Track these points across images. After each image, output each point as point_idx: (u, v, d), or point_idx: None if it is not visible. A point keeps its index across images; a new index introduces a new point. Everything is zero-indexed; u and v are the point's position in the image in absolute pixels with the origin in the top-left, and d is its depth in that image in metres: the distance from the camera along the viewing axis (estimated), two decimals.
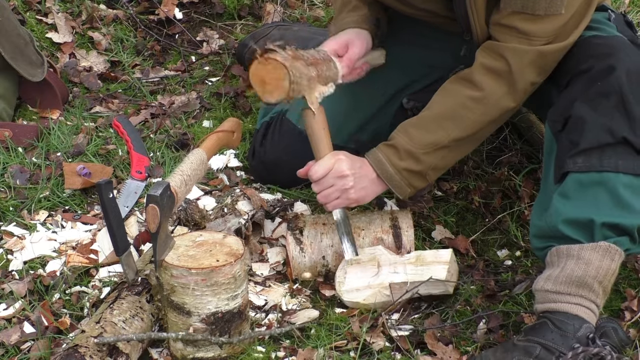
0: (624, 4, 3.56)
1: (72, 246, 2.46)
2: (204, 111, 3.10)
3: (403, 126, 2.31)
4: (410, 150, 2.26)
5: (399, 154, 2.27)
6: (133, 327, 2.05)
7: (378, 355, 2.12)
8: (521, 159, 2.80)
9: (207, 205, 2.50)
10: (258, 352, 2.13)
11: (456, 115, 2.25)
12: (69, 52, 3.32)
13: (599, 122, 2.08)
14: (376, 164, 2.29)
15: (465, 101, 2.24)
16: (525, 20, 2.16)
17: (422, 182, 2.32)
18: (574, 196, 2.08)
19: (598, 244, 2.04)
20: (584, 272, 2.03)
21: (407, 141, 2.27)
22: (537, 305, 2.08)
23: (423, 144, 2.26)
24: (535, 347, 1.99)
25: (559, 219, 2.08)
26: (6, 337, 2.12)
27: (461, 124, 2.25)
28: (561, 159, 2.12)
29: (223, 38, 3.49)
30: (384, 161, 2.28)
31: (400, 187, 2.30)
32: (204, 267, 2.00)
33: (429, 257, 2.31)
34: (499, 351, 2.03)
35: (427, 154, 2.26)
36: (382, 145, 2.30)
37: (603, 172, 2.06)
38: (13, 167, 2.69)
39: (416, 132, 2.27)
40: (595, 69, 2.11)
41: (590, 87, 2.11)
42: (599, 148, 2.07)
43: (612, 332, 2.03)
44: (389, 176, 2.28)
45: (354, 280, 2.29)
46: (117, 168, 2.74)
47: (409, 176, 2.28)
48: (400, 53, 2.58)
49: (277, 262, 2.45)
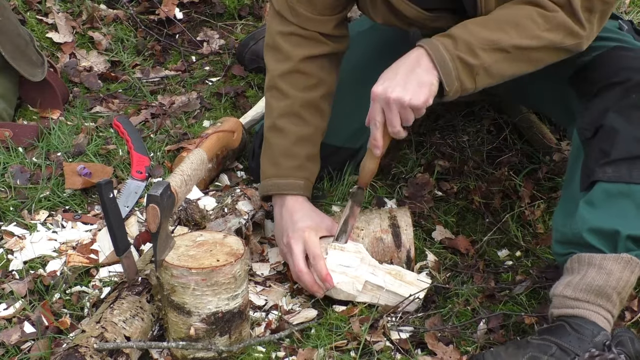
0: (624, 4, 3.56)
1: (72, 246, 2.46)
2: (204, 111, 3.10)
3: (462, 24, 2.16)
4: (468, 41, 2.11)
5: (456, 43, 2.11)
6: (133, 327, 2.05)
7: (378, 355, 2.12)
8: (521, 159, 2.80)
9: (208, 205, 2.50)
10: (258, 352, 2.13)
11: (520, 23, 2.12)
12: (69, 52, 3.32)
13: (632, 134, 2.08)
14: (430, 47, 2.11)
15: (533, 13, 2.12)
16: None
17: (470, 81, 2.13)
18: (601, 206, 2.07)
19: (620, 255, 2.04)
20: (605, 282, 2.03)
21: (465, 32, 2.12)
22: (554, 310, 2.08)
23: (482, 38, 2.11)
24: (551, 347, 1.99)
25: (584, 227, 2.07)
26: (6, 337, 2.12)
27: (524, 32, 2.11)
28: (590, 167, 2.11)
29: (223, 38, 3.49)
30: (439, 46, 2.11)
31: (450, 76, 2.10)
32: (205, 267, 2.00)
33: (409, 277, 2.30)
34: (511, 348, 2.02)
35: (484, 50, 2.11)
36: (436, 36, 2.15)
37: (632, 184, 2.06)
38: (13, 167, 2.69)
39: (476, 28, 2.13)
40: (632, 81, 2.11)
41: (625, 98, 2.11)
42: (629, 159, 2.06)
43: (628, 341, 2.03)
44: (443, 60, 2.10)
45: (333, 262, 2.28)
46: (118, 168, 2.74)
47: (461, 67, 2.11)
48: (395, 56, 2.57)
49: (278, 262, 2.45)
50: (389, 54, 2.45)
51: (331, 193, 2.68)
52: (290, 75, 2.38)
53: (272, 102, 2.41)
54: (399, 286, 2.27)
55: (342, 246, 2.29)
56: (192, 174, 2.12)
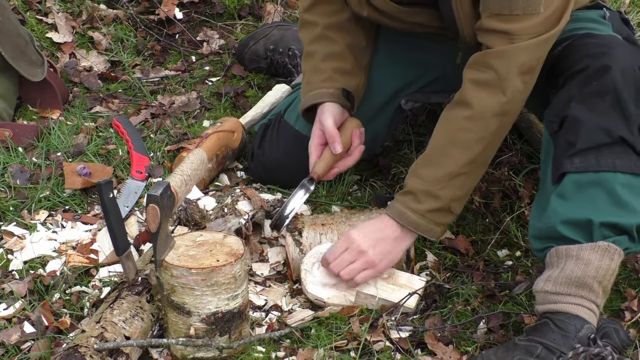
0: (624, 4, 3.56)
1: (72, 246, 2.46)
2: (204, 111, 3.10)
3: (412, 170, 2.25)
4: (426, 190, 2.20)
5: (417, 197, 2.20)
6: (133, 327, 2.05)
7: (378, 355, 2.12)
8: (521, 159, 2.80)
9: (207, 205, 2.50)
10: (258, 352, 2.13)
11: (457, 140, 2.20)
12: (69, 52, 3.32)
13: (595, 122, 2.08)
14: (398, 216, 2.22)
15: (461, 123, 2.19)
16: (504, 22, 2.13)
17: (448, 217, 2.25)
18: (571, 197, 2.08)
19: (597, 243, 2.04)
20: (584, 272, 2.03)
21: (420, 182, 2.21)
22: (538, 307, 2.08)
23: (436, 179, 2.20)
24: (537, 347, 1.99)
25: (557, 220, 2.08)
26: (6, 337, 2.12)
27: (465, 146, 2.19)
28: (558, 160, 2.12)
29: (223, 38, 3.49)
30: (404, 211, 2.21)
31: (429, 229, 2.22)
32: (204, 267, 2.00)
33: (403, 280, 2.30)
34: (501, 350, 2.03)
35: (443, 188, 2.20)
36: (397, 196, 2.25)
37: (600, 172, 2.06)
38: (13, 167, 2.69)
39: (426, 171, 2.22)
40: (591, 68, 2.11)
41: (586, 87, 2.10)
42: (595, 148, 2.07)
43: (613, 332, 2.03)
44: (415, 223, 2.21)
45: (323, 275, 2.28)
46: (117, 168, 2.74)
47: (433, 216, 2.21)
48: (395, 54, 2.58)
49: (277, 262, 2.45)
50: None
51: (331, 193, 2.69)
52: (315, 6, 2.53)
53: (304, 35, 2.56)
54: (392, 292, 2.27)
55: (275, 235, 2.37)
56: (192, 174, 2.12)
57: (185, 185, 2.09)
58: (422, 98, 2.65)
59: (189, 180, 2.10)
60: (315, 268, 2.29)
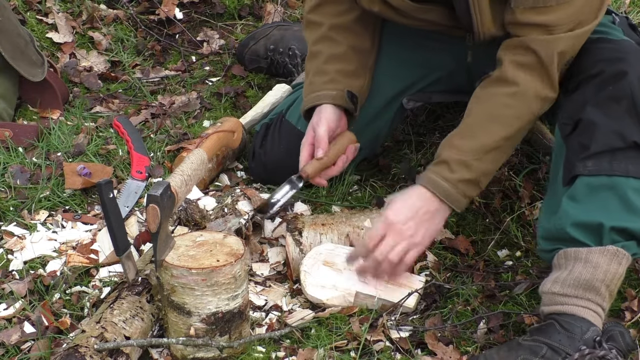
0: (624, 4, 3.56)
1: (72, 246, 2.46)
2: (204, 111, 3.10)
3: (446, 142, 2.24)
4: (460, 160, 2.19)
5: (450, 167, 2.19)
6: (133, 327, 2.05)
7: (378, 355, 2.12)
8: (521, 159, 2.80)
9: (207, 205, 2.50)
10: (258, 352, 2.13)
11: (498, 116, 2.20)
12: (69, 52, 3.32)
13: (610, 127, 2.08)
14: (431, 185, 2.20)
15: (504, 99, 2.19)
16: (540, 14, 2.14)
17: (475, 190, 2.24)
18: (583, 199, 2.08)
19: (606, 247, 2.04)
20: (592, 275, 2.03)
21: (455, 152, 2.20)
22: (544, 308, 2.08)
23: (472, 150, 2.19)
24: (542, 347, 1.99)
25: (568, 222, 2.08)
26: (6, 337, 2.12)
27: (505, 122, 2.19)
28: (571, 162, 2.12)
29: (223, 38, 3.49)
30: (436, 179, 2.20)
31: (457, 200, 2.21)
32: (204, 267, 2.00)
33: (402, 279, 2.30)
34: (503, 350, 2.02)
35: (478, 160, 2.19)
36: (430, 167, 2.23)
37: (613, 176, 2.06)
38: (13, 167, 2.69)
39: (462, 142, 2.21)
40: (607, 73, 2.12)
41: (602, 91, 2.11)
42: (609, 152, 2.07)
43: (618, 336, 2.03)
44: (446, 192, 2.19)
45: (322, 276, 2.29)
46: (118, 168, 2.74)
47: (463, 187, 2.20)
48: (399, 54, 2.58)
49: (278, 262, 2.45)
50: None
51: (331, 193, 2.69)
52: (321, 7, 2.52)
53: (308, 35, 2.56)
54: (391, 291, 2.27)
55: (260, 221, 2.38)
56: (192, 174, 2.12)
57: (186, 185, 2.08)
58: (424, 98, 2.65)
59: (189, 180, 2.10)
60: (315, 269, 2.29)
